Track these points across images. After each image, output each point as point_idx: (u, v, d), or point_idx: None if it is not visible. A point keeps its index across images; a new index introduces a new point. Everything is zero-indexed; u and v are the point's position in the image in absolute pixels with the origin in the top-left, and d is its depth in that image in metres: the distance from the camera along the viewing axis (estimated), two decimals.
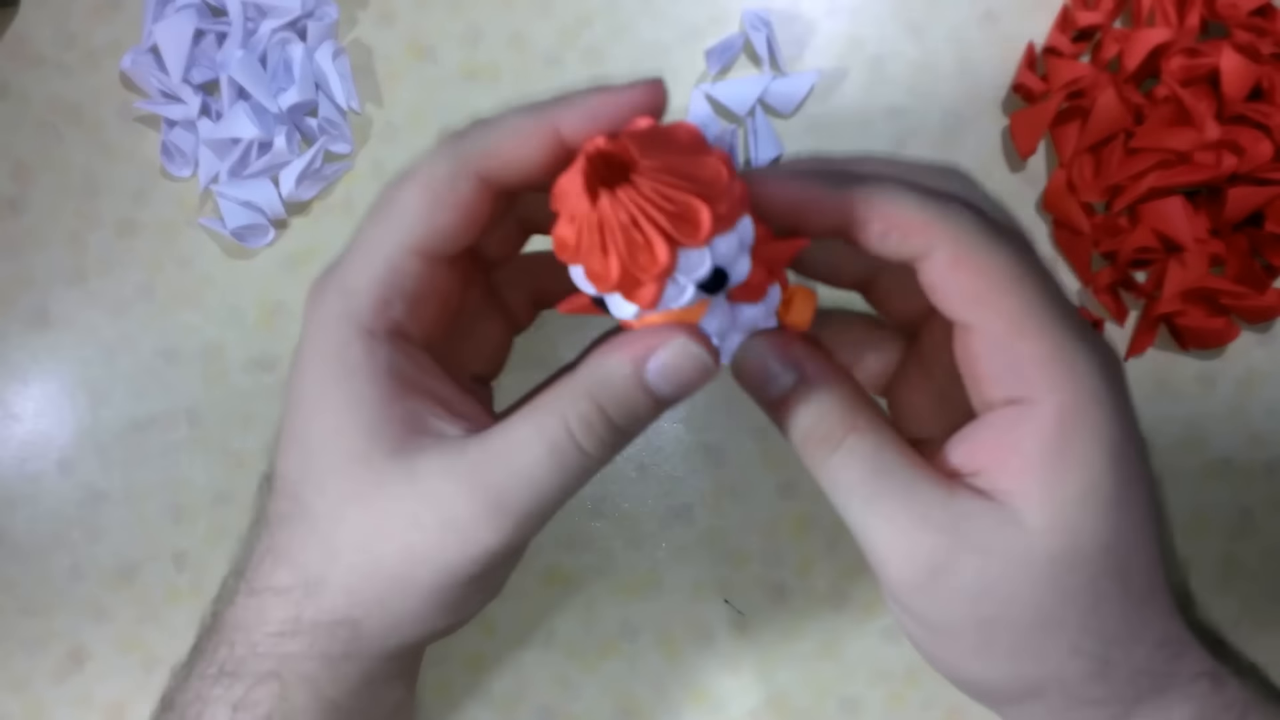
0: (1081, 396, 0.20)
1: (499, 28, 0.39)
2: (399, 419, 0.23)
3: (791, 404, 0.23)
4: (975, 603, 0.21)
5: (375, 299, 0.22)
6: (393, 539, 0.23)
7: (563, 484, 0.22)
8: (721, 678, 0.38)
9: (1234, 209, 0.34)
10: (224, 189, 0.38)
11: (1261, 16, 0.35)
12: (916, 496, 0.21)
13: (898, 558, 0.21)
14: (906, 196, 0.21)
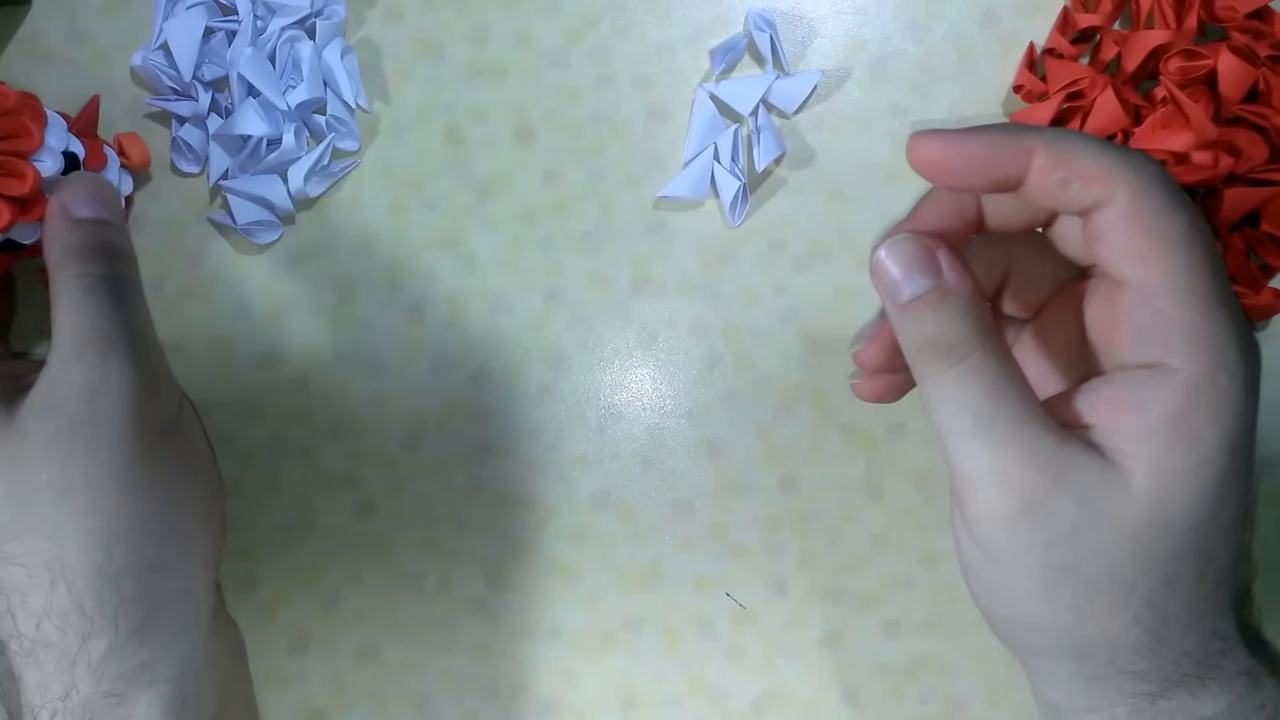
0: (1218, 373, 0.20)
1: (505, 27, 0.40)
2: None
3: (920, 309, 0.22)
4: (1056, 548, 0.21)
5: None
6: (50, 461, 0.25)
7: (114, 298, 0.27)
8: (723, 670, 0.38)
9: (1230, 210, 0.34)
10: (233, 185, 0.38)
11: (1259, 19, 0.36)
12: (1029, 431, 0.21)
13: (994, 485, 0.21)
14: (1091, 143, 0.21)
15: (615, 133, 0.39)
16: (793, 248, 0.39)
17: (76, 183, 0.28)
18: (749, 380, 0.39)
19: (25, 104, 0.34)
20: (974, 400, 0.22)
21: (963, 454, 0.22)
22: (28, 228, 0.34)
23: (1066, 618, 0.22)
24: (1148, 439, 0.21)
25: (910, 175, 0.38)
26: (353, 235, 0.40)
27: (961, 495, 0.22)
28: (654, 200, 0.39)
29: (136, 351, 0.25)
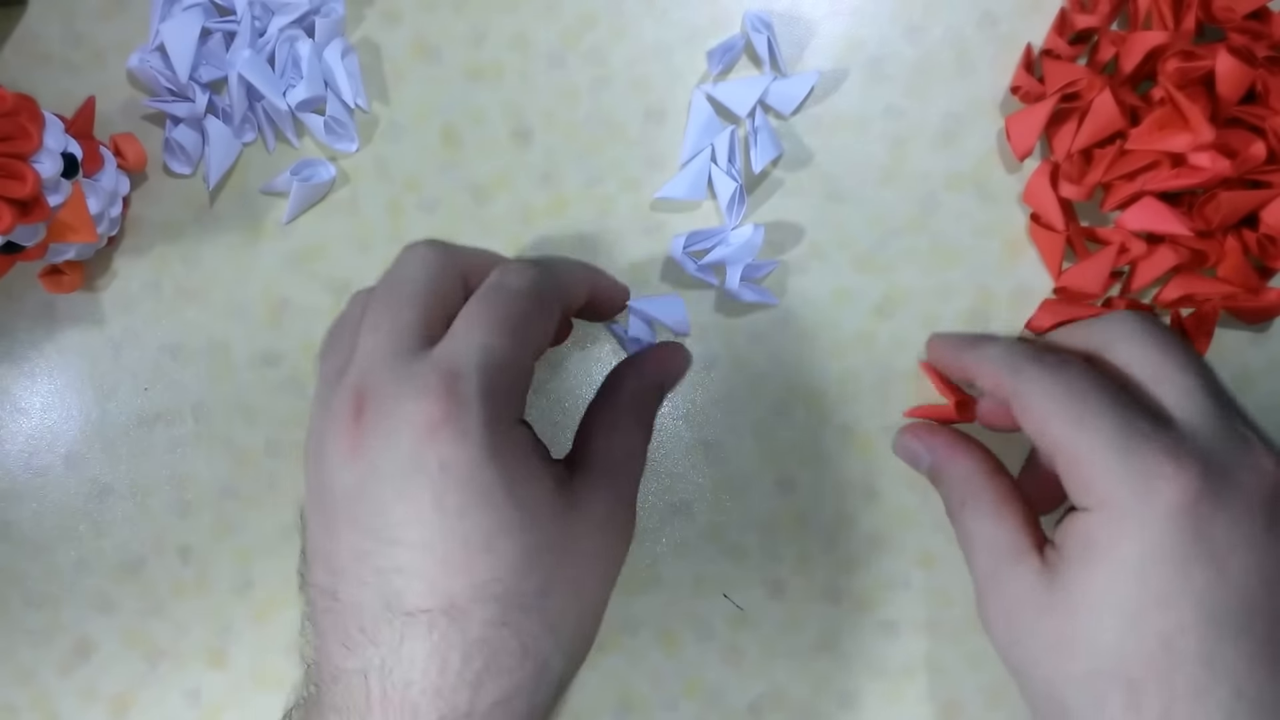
0: (1117, 509, 0.25)
1: (502, 28, 0.40)
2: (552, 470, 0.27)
3: (934, 475, 0.33)
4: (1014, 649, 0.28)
5: (520, 397, 0.26)
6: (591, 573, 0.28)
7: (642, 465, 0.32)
8: (721, 672, 0.38)
9: (1228, 212, 0.34)
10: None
11: (1257, 20, 0.35)
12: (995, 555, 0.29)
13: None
14: (991, 358, 0.30)
15: (612, 134, 0.39)
16: (789, 248, 0.38)
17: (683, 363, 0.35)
18: (746, 381, 0.38)
19: (23, 106, 0.34)
20: (969, 528, 0.31)
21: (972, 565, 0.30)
22: (28, 229, 0.34)
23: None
24: (1062, 564, 0.26)
25: (907, 177, 0.38)
26: (350, 236, 0.40)
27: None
28: (651, 201, 0.39)
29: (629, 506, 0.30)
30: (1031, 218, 0.38)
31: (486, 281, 0.27)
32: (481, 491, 0.23)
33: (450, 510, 0.23)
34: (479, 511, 0.23)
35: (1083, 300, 0.37)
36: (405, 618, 0.24)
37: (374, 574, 0.24)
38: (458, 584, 0.24)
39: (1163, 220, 0.35)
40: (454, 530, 0.23)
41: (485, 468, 0.24)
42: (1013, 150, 0.37)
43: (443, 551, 0.23)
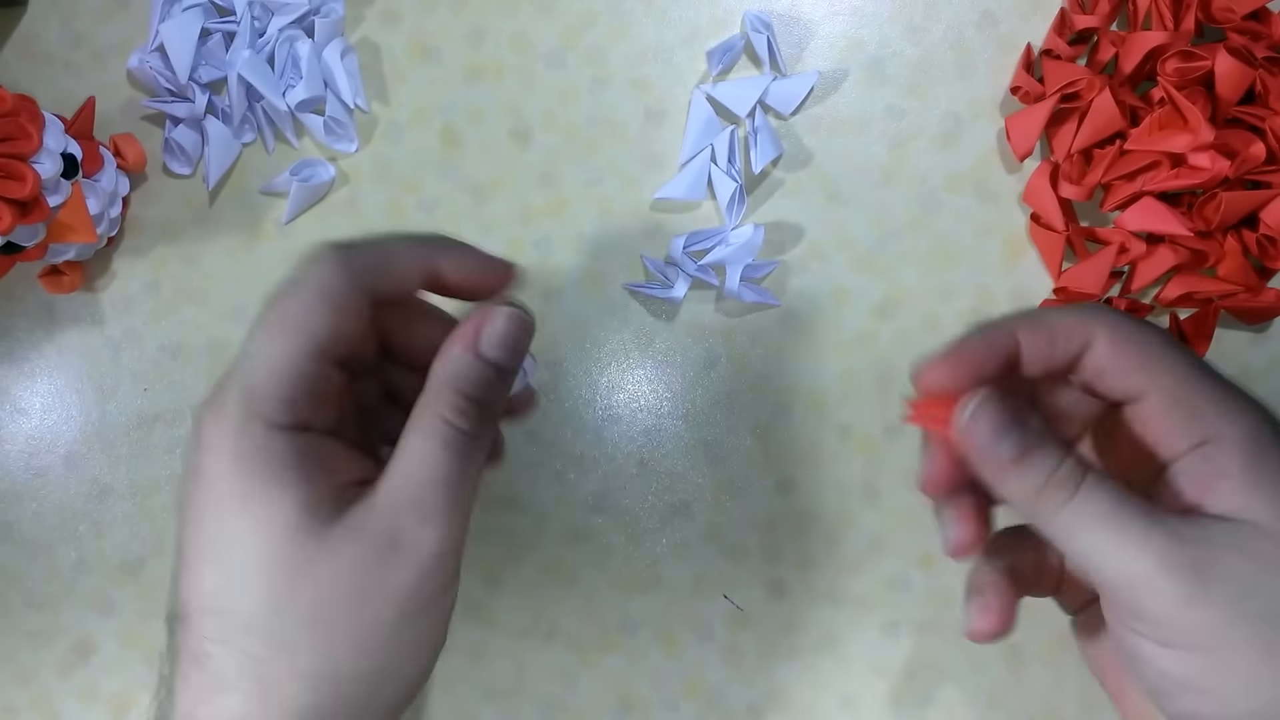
0: (1260, 421, 0.23)
1: (501, 28, 0.40)
2: (325, 492, 0.24)
3: (1023, 461, 0.24)
4: (1244, 600, 0.22)
5: (282, 400, 0.23)
6: (347, 594, 0.23)
7: (462, 466, 0.24)
8: (721, 672, 0.38)
9: (1228, 212, 0.34)
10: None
11: (1256, 20, 0.35)
12: (1164, 520, 0.23)
13: (1164, 572, 0.22)
14: (1050, 310, 0.25)
15: (612, 134, 0.39)
16: (789, 249, 0.38)
17: (503, 320, 0.25)
18: (746, 382, 0.38)
19: (23, 106, 0.34)
20: (1106, 513, 0.23)
21: (1119, 563, 0.23)
22: (28, 230, 0.34)
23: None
24: (1248, 491, 0.23)
25: (907, 177, 0.38)
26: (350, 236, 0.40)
27: (1137, 605, 0.23)
28: (651, 201, 0.39)
29: (450, 530, 0.24)
30: (1031, 218, 0.38)
31: None
32: (217, 500, 0.23)
33: (193, 519, 0.23)
34: (211, 521, 0.23)
35: (1082, 300, 0.37)
36: (168, 621, 0.25)
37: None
38: (191, 592, 0.24)
39: (1162, 220, 0.35)
40: (193, 539, 0.23)
41: (223, 477, 0.23)
42: (1013, 150, 0.37)
43: (186, 559, 0.24)
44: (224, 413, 0.23)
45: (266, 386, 0.23)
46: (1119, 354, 0.24)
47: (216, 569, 0.23)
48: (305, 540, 0.23)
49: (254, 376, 0.24)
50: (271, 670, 0.23)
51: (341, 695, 0.24)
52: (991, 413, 0.24)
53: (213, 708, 0.23)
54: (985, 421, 0.24)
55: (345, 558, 0.23)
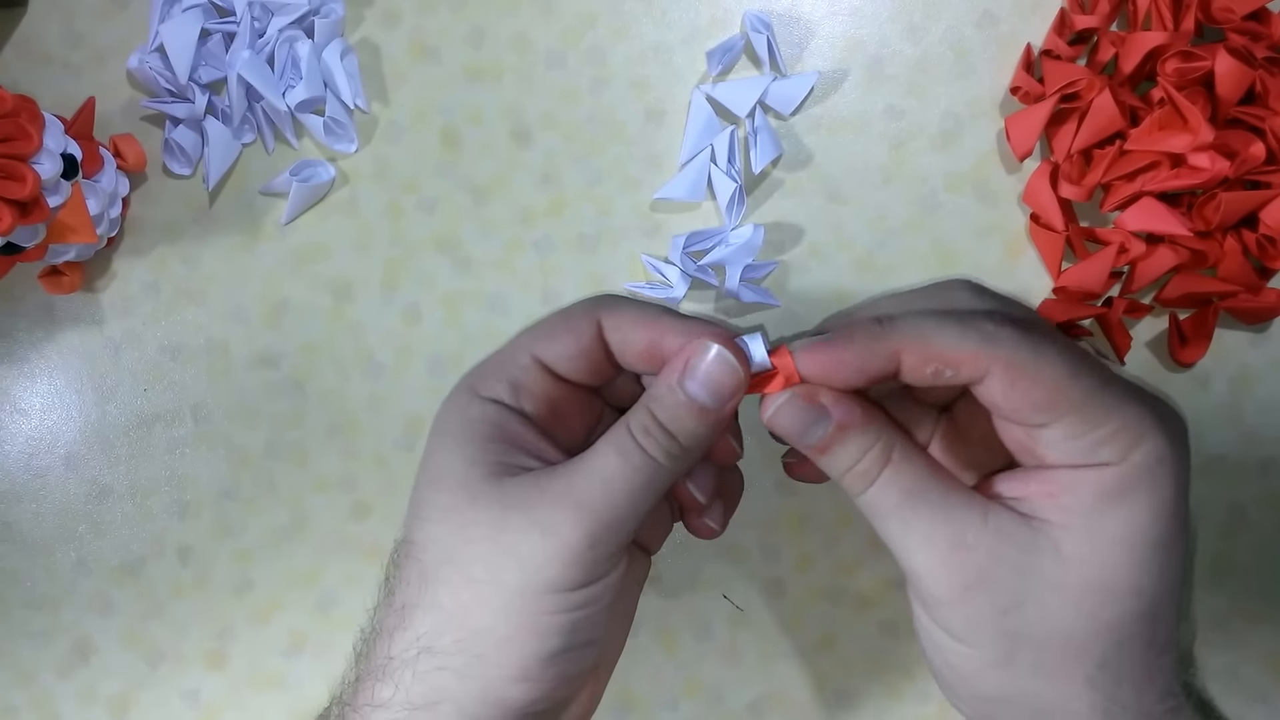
0: (1148, 459, 0.22)
1: (501, 28, 0.40)
2: (500, 455, 0.26)
3: (825, 449, 0.25)
4: (1005, 616, 0.23)
5: (494, 378, 0.27)
6: (479, 544, 0.25)
7: (634, 484, 0.25)
8: (720, 671, 0.38)
9: (1228, 212, 0.34)
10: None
11: (1256, 20, 0.36)
12: (953, 517, 0.24)
13: (934, 573, 0.23)
14: (947, 332, 0.23)
15: (612, 134, 0.39)
16: (789, 249, 0.38)
17: (705, 357, 0.25)
18: None
19: (23, 107, 0.34)
20: (895, 506, 0.24)
21: (902, 551, 0.24)
22: (28, 230, 0.34)
23: (1025, 683, 0.23)
24: (1081, 513, 0.23)
25: (907, 177, 0.38)
26: (349, 237, 0.40)
27: (914, 589, 0.24)
28: (651, 202, 0.39)
29: (603, 534, 0.25)
30: (1031, 218, 0.38)
31: None
32: (430, 452, 0.26)
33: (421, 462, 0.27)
34: (423, 469, 0.26)
35: (1082, 300, 0.37)
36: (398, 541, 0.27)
37: None
38: (405, 528, 0.26)
39: (1162, 220, 0.35)
40: (416, 480, 0.27)
41: (437, 432, 0.26)
42: (1012, 150, 0.37)
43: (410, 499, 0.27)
44: (458, 386, 0.27)
45: (487, 368, 0.27)
46: (1016, 392, 0.23)
47: (414, 517, 0.26)
48: (462, 489, 0.25)
49: (486, 361, 0.27)
50: (409, 595, 0.25)
51: (456, 640, 0.25)
52: (793, 412, 0.25)
53: (381, 615, 0.26)
54: (787, 419, 0.25)
55: (488, 514, 0.25)
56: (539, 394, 0.27)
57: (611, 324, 0.26)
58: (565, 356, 0.27)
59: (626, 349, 0.26)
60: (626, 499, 0.25)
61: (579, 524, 0.24)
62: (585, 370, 0.27)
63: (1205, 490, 0.37)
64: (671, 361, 0.25)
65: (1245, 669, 0.37)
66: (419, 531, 0.26)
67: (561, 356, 0.27)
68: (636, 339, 0.26)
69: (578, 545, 0.24)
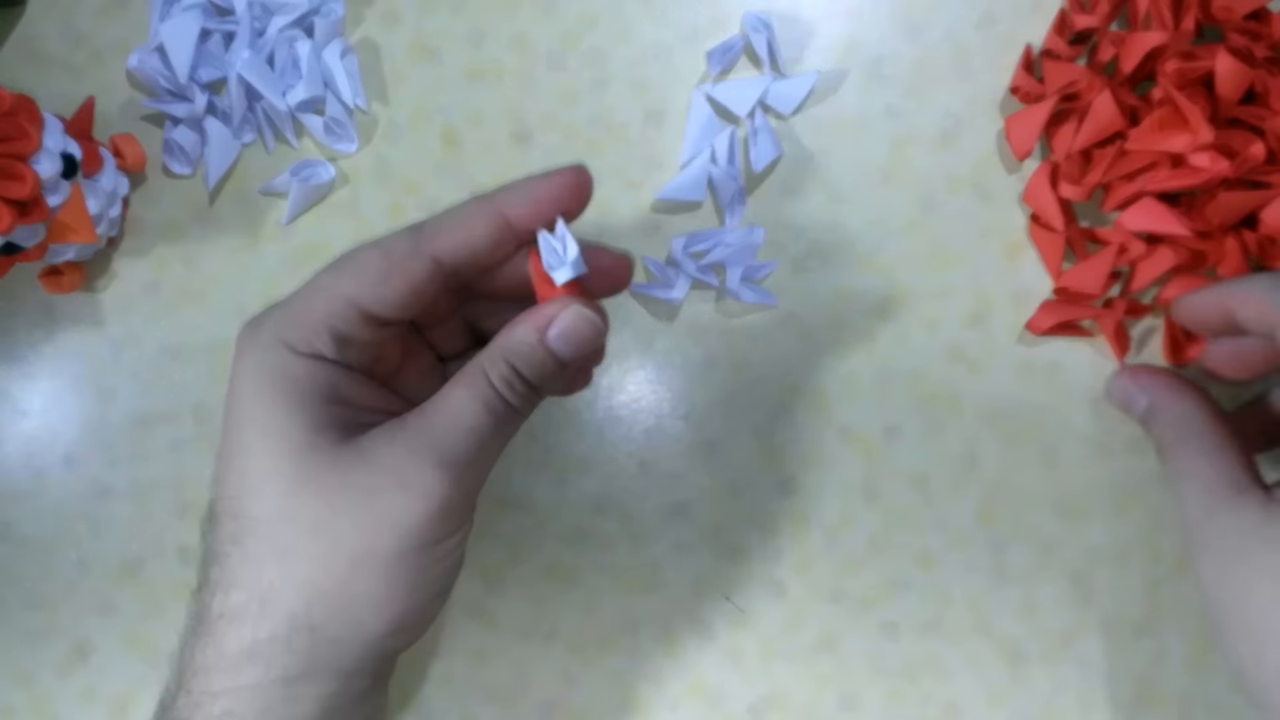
0: None
1: (502, 29, 0.40)
2: (340, 415, 0.25)
3: (1149, 416, 0.33)
4: None
5: (311, 331, 0.25)
6: (350, 513, 0.24)
7: (495, 432, 0.25)
8: (721, 673, 0.38)
9: (1228, 212, 0.34)
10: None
11: (1257, 20, 0.36)
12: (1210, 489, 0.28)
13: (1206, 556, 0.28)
14: (1258, 284, 0.29)
15: (612, 135, 0.39)
16: (789, 249, 0.38)
17: (576, 320, 0.25)
18: (746, 382, 0.38)
19: (22, 106, 0.34)
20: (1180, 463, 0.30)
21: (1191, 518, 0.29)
22: (27, 230, 0.34)
23: None
24: None
25: (907, 177, 0.38)
26: (350, 237, 0.40)
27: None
28: (651, 202, 0.39)
29: (462, 482, 0.25)
30: (1031, 218, 0.38)
31: None
32: (240, 410, 0.25)
33: (226, 425, 0.26)
34: (234, 429, 0.25)
35: (1082, 301, 0.37)
36: (203, 520, 0.27)
37: None
38: (218, 494, 0.25)
39: (1162, 221, 0.35)
40: (224, 444, 0.25)
41: (246, 389, 0.25)
42: (1012, 151, 0.37)
43: (219, 462, 0.26)
44: (258, 332, 0.25)
45: (297, 318, 0.25)
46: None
47: (235, 474, 0.25)
48: (311, 456, 0.24)
49: (291, 309, 0.25)
50: (270, 574, 0.24)
51: (332, 611, 0.24)
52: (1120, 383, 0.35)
53: (223, 602, 0.25)
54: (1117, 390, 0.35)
55: (350, 479, 0.24)
56: (364, 343, 0.26)
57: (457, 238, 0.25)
58: (395, 302, 0.25)
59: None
60: (491, 446, 0.25)
61: (449, 479, 0.24)
62: (422, 307, 0.26)
63: None
64: (530, 315, 0.25)
65: None
66: (260, 505, 0.24)
67: (391, 302, 0.25)
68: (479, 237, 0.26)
69: (449, 499, 0.24)
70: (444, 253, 0.26)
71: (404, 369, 0.28)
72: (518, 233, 0.26)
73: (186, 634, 0.26)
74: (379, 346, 0.26)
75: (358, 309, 0.25)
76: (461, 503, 0.25)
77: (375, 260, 0.25)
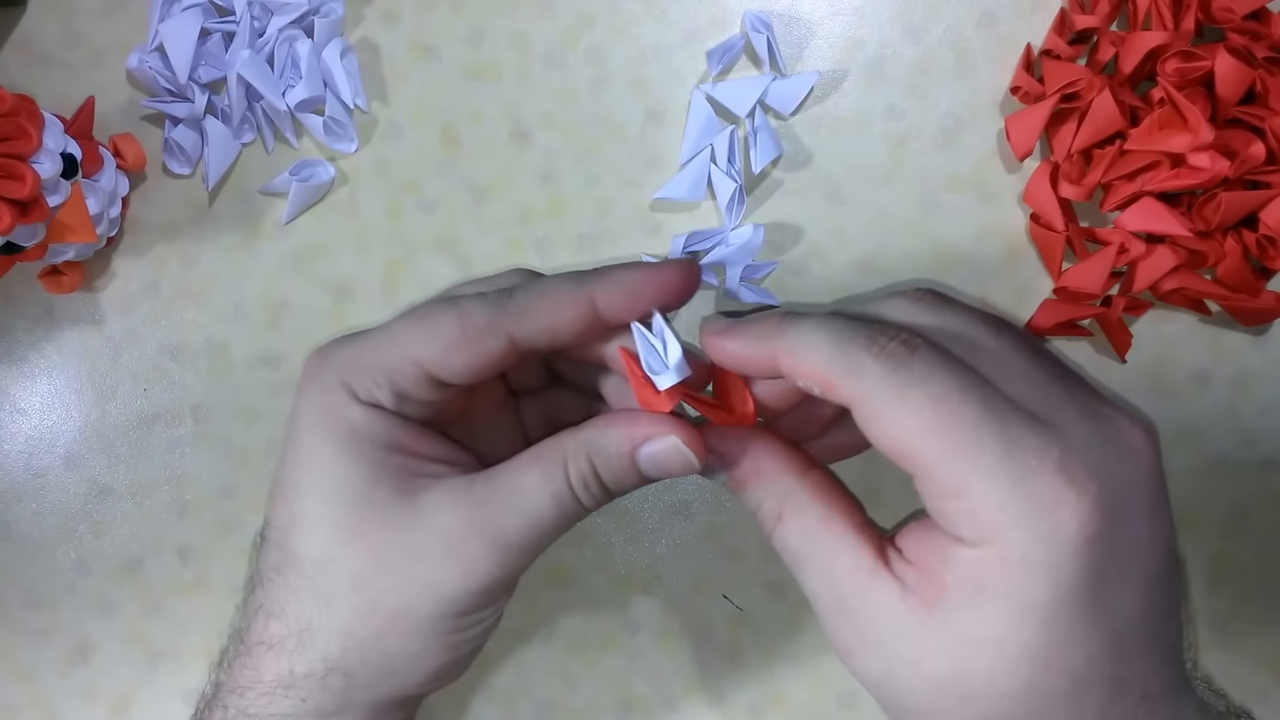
0: (1008, 553, 0.20)
1: (501, 28, 0.40)
2: (399, 466, 0.24)
3: (737, 485, 0.25)
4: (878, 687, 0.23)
5: (373, 381, 0.24)
6: (395, 573, 0.24)
7: (558, 527, 0.25)
8: (720, 673, 0.38)
9: (1228, 212, 0.34)
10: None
11: (1256, 20, 0.35)
12: (833, 582, 0.23)
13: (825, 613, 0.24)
14: (820, 349, 0.22)
15: (612, 134, 0.39)
16: (789, 249, 0.38)
17: (669, 450, 0.24)
18: None
19: (22, 106, 0.34)
20: (790, 557, 0.24)
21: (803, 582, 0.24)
22: (27, 230, 0.34)
23: None
24: (940, 594, 0.21)
25: (907, 177, 0.38)
26: (349, 236, 0.40)
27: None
28: (651, 202, 0.39)
29: (517, 564, 0.25)
30: (1031, 218, 0.38)
31: None
32: (298, 443, 0.24)
33: (285, 450, 0.25)
34: (291, 461, 0.25)
35: (1082, 300, 0.37)
36: (257, 536, 0.26)
37: None
38: (270, 518, 0.25)
39: (1162, 221, 0.35)
40: (280, 469, 0.25)
41: (306, 424, 0.24)
42: (1012, 150, 0.37)
43: (275, 484, 0.25)
44: (323, 367, 0.25)
45: (362, 364, 0.24)
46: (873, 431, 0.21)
47: (286, 507, 0.25)
48: (364, 509, 0.24)
49: (358, 351, 0.24)
50: (310, 613, 0.24)
51: (368, 661, 0.24)
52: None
53: (262, 629, 0.25)
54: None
55: (400, 539, 0.24)
56: (425, 402, 0.25)
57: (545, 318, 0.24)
58: (464, 373, 0.24)
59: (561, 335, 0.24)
60: (550, 535, 0.25)
61: (499, 560, 0.24)
62: (482, 374, 0.25)
63: (1205, 490, 0.37)
64: (628, 427, 0.24)
65: (1244, 670, 0.37)
66: (306, 545, 0.24)
67: (459, 372, 0.24)
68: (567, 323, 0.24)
69: (496, 578, 0.24)
70: (524, 336, 0.24)
71: (472, 409, 0.27)
72: (606, 323, 0.24)
73: (228, 647, 0.26)
74: (443, 402, 0.25)
75: (423, 370, 0.24)
76: (506, 580, 0.25)
77: (449, 327, 0.24)
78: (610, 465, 0.24)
